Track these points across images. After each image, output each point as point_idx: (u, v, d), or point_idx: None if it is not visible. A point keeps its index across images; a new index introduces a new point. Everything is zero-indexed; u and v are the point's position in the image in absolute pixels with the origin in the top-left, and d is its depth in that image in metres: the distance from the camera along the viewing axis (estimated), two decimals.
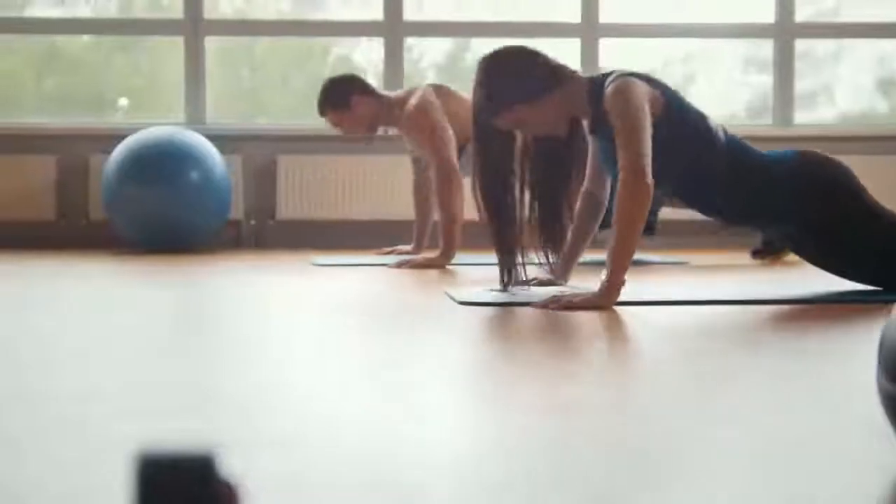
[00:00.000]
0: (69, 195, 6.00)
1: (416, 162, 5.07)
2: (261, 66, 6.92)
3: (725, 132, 3.11)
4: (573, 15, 6.27)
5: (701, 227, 5.78)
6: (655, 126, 2.94)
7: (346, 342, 2.25)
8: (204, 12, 6.15)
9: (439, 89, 4.76)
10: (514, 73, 3.05)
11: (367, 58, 6.60)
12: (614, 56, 6.27)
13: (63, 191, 6.00)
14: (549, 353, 2.08)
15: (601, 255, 3.01)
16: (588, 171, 3.24)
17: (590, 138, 3.16)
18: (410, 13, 6.23)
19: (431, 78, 6.47)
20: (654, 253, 5.12)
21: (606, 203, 3.25)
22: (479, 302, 2.92)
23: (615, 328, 2.51)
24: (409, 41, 6.35)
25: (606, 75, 3.04)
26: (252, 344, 2.23)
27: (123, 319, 2.62)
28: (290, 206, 6.05)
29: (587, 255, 3.48)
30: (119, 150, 5.43)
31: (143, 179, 5.33)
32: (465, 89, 4.01)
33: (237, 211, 5.99)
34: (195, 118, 6.12)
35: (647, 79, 3.02)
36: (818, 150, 3.19)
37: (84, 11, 6.58)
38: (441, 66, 6.73)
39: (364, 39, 6.44)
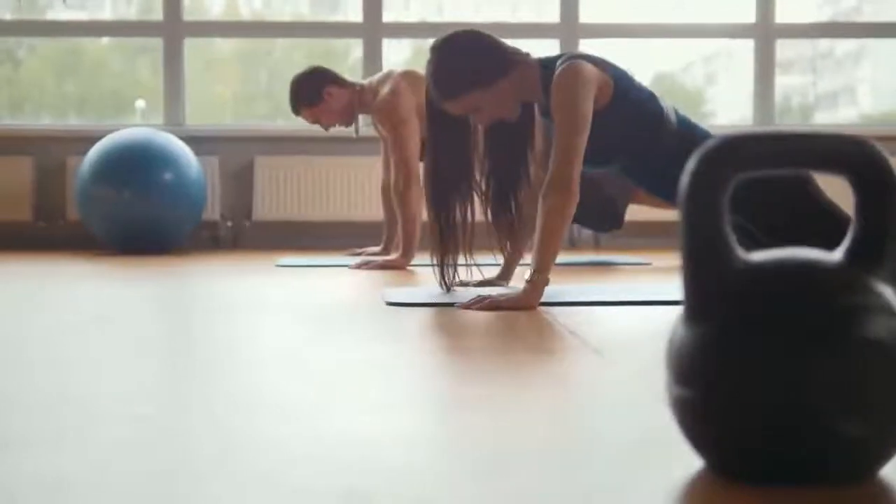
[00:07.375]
0: (46, 196, 6.02)
1: (385, 161, 5.05)
2: (279, 68, 6.93)
3: (677, 113, 3.09)
4: (552, 15, 6.26)
5: (666, 229, 5.77)
6: (605, 109, 2.94)
7: (265, 342, 2.25)
8: (183, 14, 6.16)
9: (412, 76, 4.66)
10: (467, 58, 3.02)
11: (394, 57, 6.53)
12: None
13: (40, 192, 6.02)
14: (451, 351, 2.07)
15: (581, 257, 2.95)
16: (538, 155, 3.21)
17: (541, 120, 3.15)
18: (389, 15, 6.24)
19: None
20: (619, 254, 5.10)
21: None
22: (405, 303, 2.91)
23: (532, 327, 2.50)
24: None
25: (558, 58, 3.03)
26: (159, 348, 2.23)
27: (50, 321, 2.63)
28: (266, 207, 6.05)
29: (566, 257, 3.43)
30: (93, 152, 5.43)
31: (116, 181, 5.33)
32: None
33: (214, 212, 6.00)
34: (174, 120, 6.14)
35: (598, 61, 3.00)
36: None
37: (104, 14, 6.73)
38: None
39: (391, 40, 6.34)
